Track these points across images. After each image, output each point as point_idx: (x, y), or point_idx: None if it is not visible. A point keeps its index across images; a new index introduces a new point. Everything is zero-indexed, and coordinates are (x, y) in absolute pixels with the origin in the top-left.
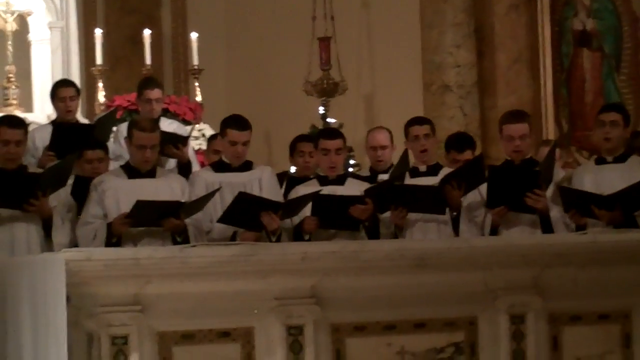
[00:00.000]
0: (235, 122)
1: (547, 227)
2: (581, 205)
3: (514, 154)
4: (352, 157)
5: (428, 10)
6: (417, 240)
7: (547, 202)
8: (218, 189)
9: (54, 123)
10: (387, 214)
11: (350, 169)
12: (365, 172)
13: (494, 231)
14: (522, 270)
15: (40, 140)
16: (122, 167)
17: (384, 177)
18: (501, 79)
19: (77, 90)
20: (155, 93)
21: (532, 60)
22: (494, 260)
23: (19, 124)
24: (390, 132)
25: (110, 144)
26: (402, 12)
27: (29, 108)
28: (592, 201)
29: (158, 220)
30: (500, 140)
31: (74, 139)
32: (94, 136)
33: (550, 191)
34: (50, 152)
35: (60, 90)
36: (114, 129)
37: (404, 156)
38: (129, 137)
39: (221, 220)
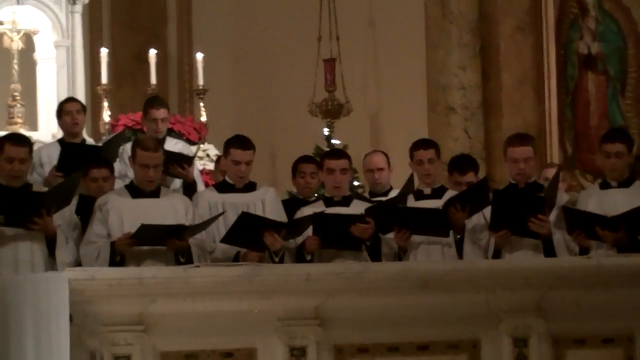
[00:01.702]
0: (238, 142)
1: (549, 251)
2: (585, 227)
3: (518, 176)
4: (357, 179)
5: (433, 31)
6: (421, 262)
7: (550, 227)
8: (222, 213)
9: (61, 142)
10: (390, 234)
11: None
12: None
13: (497, 254)
14: (525, 292)
15: (47, 157)
16: (126, 186)
17: (383, 200)
18: (506, 100)
19: (84, 107)
20: (161, 112)
21: (537, 82)
22: (497, 282)
23: (24, 141)
24: (387, 155)
25: (116, 163)
26: (407, 32)
27: (33, 126)
28: (596, 222)
29: (162, 241)
30: (504, 162)
31: (82, 160)
32: (101, 155)
33: (553, 215)
34: (59, 172)
35: (67, 104)
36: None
37: (409, 181)
38: (133, 157)
39: (224, 240)
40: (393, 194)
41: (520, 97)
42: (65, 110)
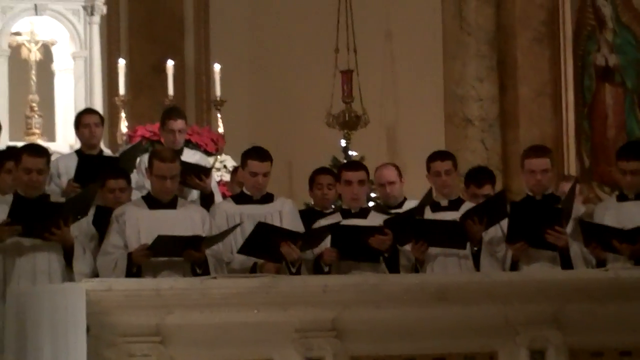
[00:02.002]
0: (255, 153)
1: (567, 264)
2: (602, 239)
3: (535, 188)
4: (373, 191)
5: (451, 42)
6: (438, 274)
7: (567, 239)
8: (239, 224)
9: (79, 153)
10: (408, 246)
11: (371, 203)
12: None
13: (514, 266)
14: (542, 305)
15: (64, 168)
16: (143, 197)
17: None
18: (523, 112)
19: (102, 119)
20: (178, 124)
21: (555, 94)
22: (515, 294)
23: (41, 152)
24: (397, 167)
25: (133, 174)
26: (424, 44)
27: (51, 137)
28: (613, 235)
29: (178, 252)
30: (521, 174)
31: (99, 171)
32: (118, 166)
33: (570, 227)
34: (76, 183)
35: (85, 117)
36: (137, 159)
37: (428, 193)
38: (150, 168)
39: (241, 251)
40: (407, 205)
41: (538, 109)
42: (83, 122)
